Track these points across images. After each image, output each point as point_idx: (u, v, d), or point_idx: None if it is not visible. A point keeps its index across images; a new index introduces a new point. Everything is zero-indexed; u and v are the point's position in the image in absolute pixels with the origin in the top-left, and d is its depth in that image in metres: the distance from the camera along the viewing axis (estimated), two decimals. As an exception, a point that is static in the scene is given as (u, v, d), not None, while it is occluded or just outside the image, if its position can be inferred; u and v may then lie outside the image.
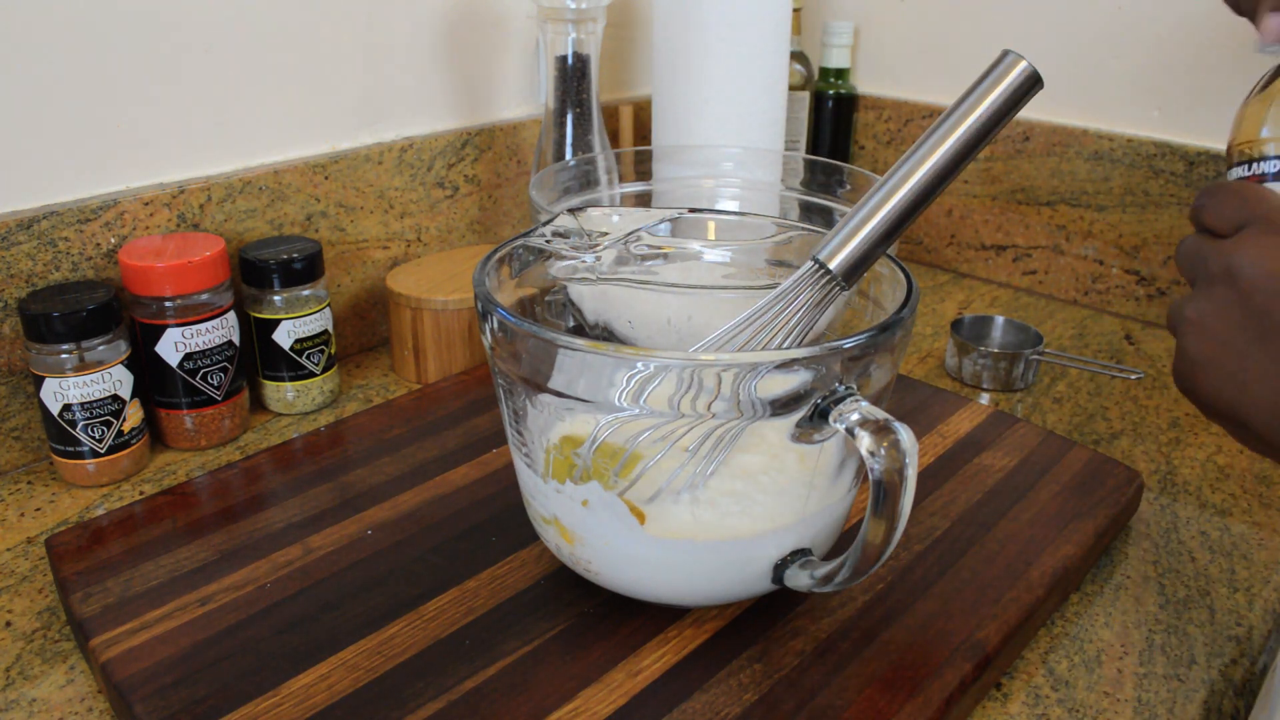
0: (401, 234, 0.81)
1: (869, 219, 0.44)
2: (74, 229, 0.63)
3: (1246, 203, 0.40)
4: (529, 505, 0.50)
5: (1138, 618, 0.53)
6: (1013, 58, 0.44)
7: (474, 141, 0.85)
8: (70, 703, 0.46)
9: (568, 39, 0.76)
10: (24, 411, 0.64)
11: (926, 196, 0.44)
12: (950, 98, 0.45)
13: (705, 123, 0.80)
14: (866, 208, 0.44)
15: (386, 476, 0.59)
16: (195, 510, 0.56)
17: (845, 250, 0.44)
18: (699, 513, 0.44)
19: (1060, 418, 0.73)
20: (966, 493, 0.58)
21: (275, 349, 0.69)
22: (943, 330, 0.87)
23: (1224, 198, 0.41)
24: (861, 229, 0.44)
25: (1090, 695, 0.47)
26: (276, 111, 0.73)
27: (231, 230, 0.71)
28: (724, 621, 0.48)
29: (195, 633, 0.46)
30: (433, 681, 0.44)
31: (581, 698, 0.43)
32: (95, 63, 0.63)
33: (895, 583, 0.51)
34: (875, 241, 0.44)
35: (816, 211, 0.75)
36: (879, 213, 0.44)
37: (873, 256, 0.45)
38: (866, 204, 0.44)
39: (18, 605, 0.53)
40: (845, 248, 0.44)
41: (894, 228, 0.44)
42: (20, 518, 0.60)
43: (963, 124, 0.43)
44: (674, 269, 0.57)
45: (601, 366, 0.40)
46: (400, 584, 0.50)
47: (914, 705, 0.43)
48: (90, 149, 0.65)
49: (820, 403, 0.40)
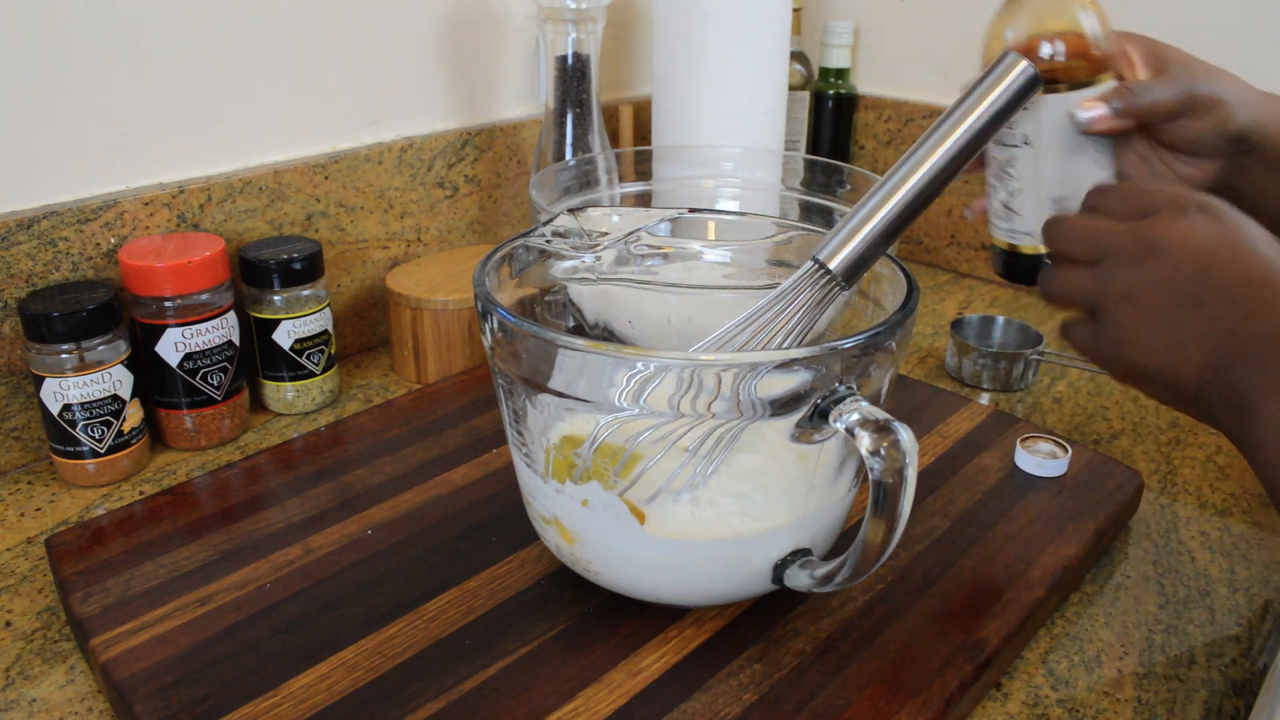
0: (401, 234, 0.82)
1: (869, 219, 0.44)
2: (74, 229, 0.63)
3: (1151, 191, 0.45)
4: (529, 505, 0.50)
5: (1138, 618, 0.53)
6: (1012, 58, 0.44)
7: (474, 141, 0.85)
8: (70, 703, 0.46)
9: (568, 39, 0.76)
10: (24, 411, 0.64)
11: (927, 196, 0.44)
12: (950, 98, 0.45)
13: (705, 123, 0.80)
14: (866, 208, 0.44)
15: (386, 476, 0.59)
16: (195, 510, 0.56)
17: (845, 250, 0.44)
18: (699, 513, 0.44)
19: (1060, 418, 0.73)
20: (966, 493, 0.58)
21: (275, 349, 0.69)
22: (943, 330, 0.87)
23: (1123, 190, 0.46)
24: (861, 229, 0.44)
25: (1090, 695, 0.47)
26: (276, 111, 0.73)
27: (231, 230, 0.71)
28: (724, 621, 0.48)
29: (195, 633, 0.46)
30: (433, 681, 0.44)
31: (581, 698, 0.43)
32: (95, 63, 0.63)
33: (895, 583, 0.51)
34: (875, 242, 0.44)
35: (816, 211, 0.75)
36: (879, 213, 0.44)
37: (873, 257, 0.45)
38: (866, 204, 0.44)
39: (18, 605, 0.53)
40: (845, 248, 0.44)
41: (894, 228, 0.44)
42: (20, 518, 0.60)
43: (963, 124, 0.44)
44: (674, 269, 0.57)
45: (601, 366, 0.40)
46: (400, 584, 0.50)
47: (914, 705, 0.43)
48: (90, 149, 0.65)
49: (820, 403, 0.40)
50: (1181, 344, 0.42)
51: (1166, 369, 0.42)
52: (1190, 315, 0.42)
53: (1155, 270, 0.42)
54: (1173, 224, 0.43)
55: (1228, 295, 0.41)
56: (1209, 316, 0.41)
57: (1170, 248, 0.42)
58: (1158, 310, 0.42)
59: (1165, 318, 0.42)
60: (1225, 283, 0.41)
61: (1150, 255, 0.43)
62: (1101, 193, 0.47)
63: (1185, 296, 0.42)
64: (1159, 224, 0.43)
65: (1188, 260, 0.42)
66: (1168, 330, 0.42)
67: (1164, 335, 0.42)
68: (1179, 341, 0.42)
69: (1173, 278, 0.42)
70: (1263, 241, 0.42)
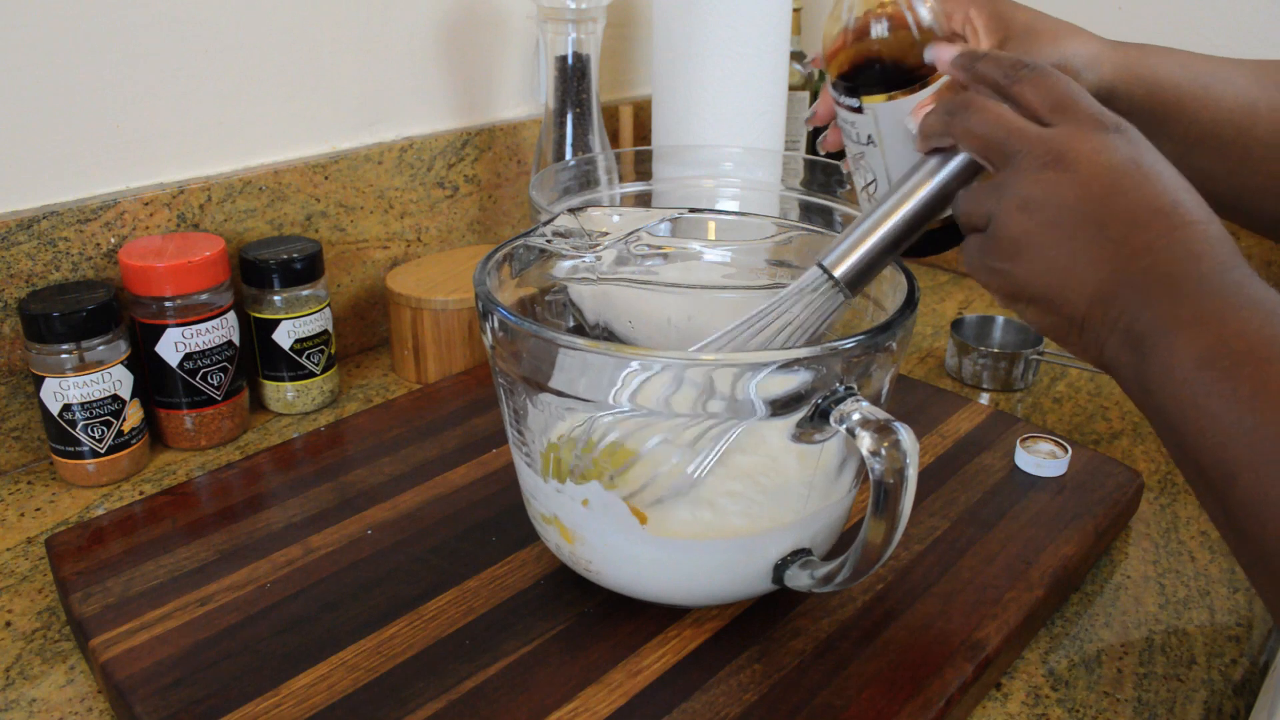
0: (401, 234, 0.81)
1: (878, 226, 0.43)
2: (74, 229, 0.63)
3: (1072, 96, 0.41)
4: (529, 505, 0.50)
5: (1138, 618, 0.53)
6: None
7: (474, 141, 0.85)
8: (70, 703, 0.46)
9: (568, 39, 0.76)
10: (24, 411, 0.64)
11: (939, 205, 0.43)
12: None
13: (705, 123, 0.80)
14: (876, 214, 0.43)
15: (386, 476, 0.59)
16: (195, 510, 0.56)
17: (852, 259, 0.44)
18: (699, 513, 0.44)
19: (1060, 418, 0.73)
20: (966, 493, 0.58)
21: (275, 349, 0.69)
22: (943, 330, 0.87)
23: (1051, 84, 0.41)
24: (870, 237, 0.43)
25: (1090, 695, 0.47)
26: (276, 111, 0.73)
27: (231, 230, 0.70)
28: (724, 621, 0.48)
29: (195, 633, 0.46)
30: (433, 681, 0.44)
31: (581, 698, 0.43)
32: (95, 63, 0.63)
33: (895, 583, 0.51)
34: (884, 250, 0.43)
35: (816, 211, 0.75)
36: (889, 220, 0.43)
37: (880, 265, 0.44)
38: (876, 210, 0.43)
39: (18, 605, 0.53)
40: (851, 256, 0.44)
41: (904, 236, 0.43)
42: (20, 518, 0.60)
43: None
44: (674, 269, 0.57)
45: (601, 366, 0.40)
46: (400, 584, 0.50)
47: (914, 705, 0.43)
48: (90, 149, 0.65)
49: (821, 403, 0.40)
50: (1075, 266, 0.39)
51: (1055, 290, 0.40)
52: (1089, 235, 0.39)
53: (1060, 182, 0.39)
54: (1087, 137, 0.40)
55: (1131, 220, 0.38)
56: (1109, 240, 0.38)
57: (1079, 162, 0.39)
58: (1055, 225, 0.39)
59: (1062, 234, 0.39)
60: (1130, 208, 0.38)
61: (1057, 165, 0.39)
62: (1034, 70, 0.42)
63: (1087, 216, 0.39)
64: (1073, 135, 0.40)
65: (1095, 178, 0.39)
66: (1063, 248, 0.39)
67: (1058, 253, 0.39)
68: (1073, 263, 0.39)
69: (1077, 195, 0.39)
70: (1170, 174, 0.40)
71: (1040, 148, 0.40)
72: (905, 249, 0.46)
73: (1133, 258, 0.38)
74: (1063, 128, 0.40)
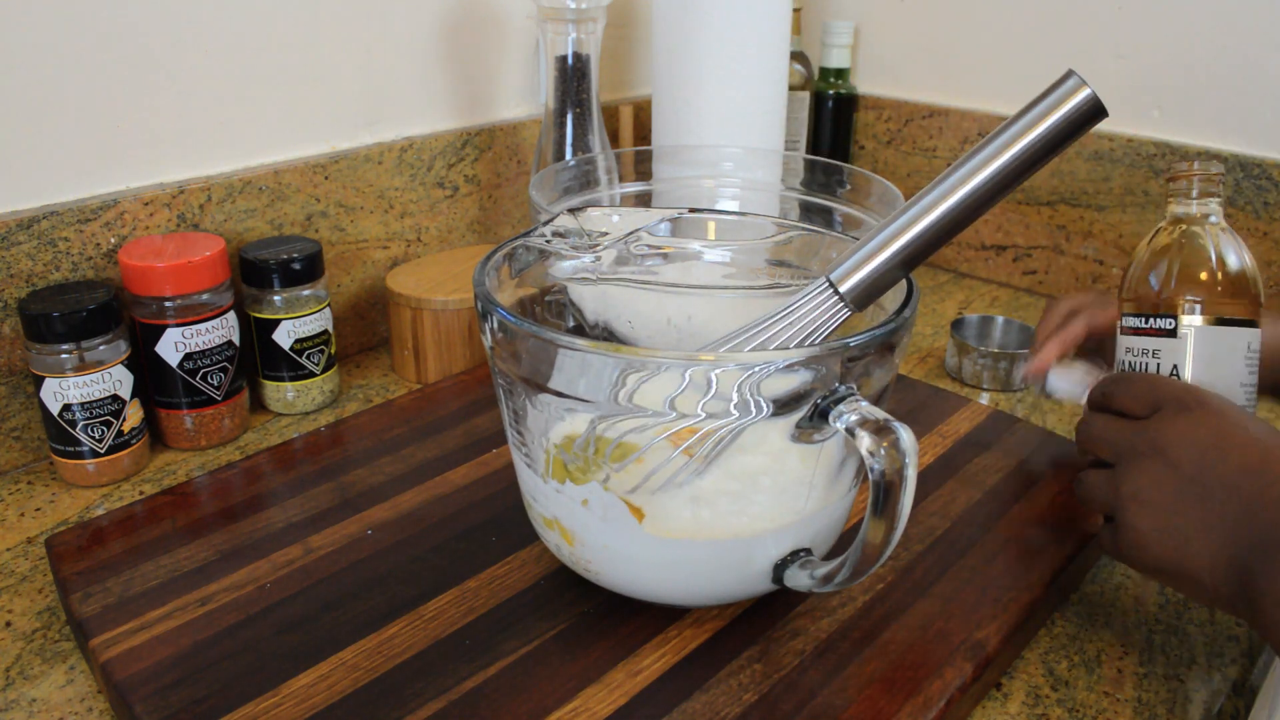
0: (401, 234, 0.82)
1: (891, 242, 0.43)
2: (74, 229, 0.63)
3: (1156, 387, 0.47)
4: (529, 505, 0.50)
5: (1138, 618, 0.53)
6: (1075, 82, 0.39)
7: (474, 141, 0.85)
8: (70, 703, 0.46)
9: (568, 39, 0.76)
10: (24, 411, 0.64)
11: (960, 222, 0.42)
12: (950, 98, 0.45)
13: (705, 123, 0.80)
14: (891, 229, 0.43)
15: (386, 476, 0.59)
16: (195, 510, 0.56)
17: (859, 274, 0.43)
18: (699, 512, 0.44)
19: (1060, 417, 0.73)
20: (966, 493, 0.58)
21: (275, 349, 0.69)
22: (943, 330, 0.87)
23: (1136, 383, 0.48)
24: (881, 252, 0.43)
25: (1090, 695, 0.47)
26: (276, 111, 0.73)
27: (231, 230, 0.71)
28: (724, 621, 0.48)
29: (195, 633, 0.46)
30: (433, 681, 0.44)
31: (581, 698, 0.43)
32: (95, 63, 0.63)
33: (895, 583, 0.51)
34: (895, 268, 0.43)
35: (816, 211, 0.75)
36: (902, 237, 0.42)
37: (891, 283, 0.44)
38: (892, 224, 0.43)
39: (18, 605, 0.53)
40: (860, 271, 0.43)
41: (919, 255, 0.43)
42: (20, 518, 0.60)
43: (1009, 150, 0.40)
44: (674, 269, 0.57)
45: (602, 366, 0.40)
46: (400, 584, 0.50)
47: (914, 705, 0.43)
48: (90, 149, 0.65)
49: (820, 403, 0.40)
50: (1189, 540, 0.43)
51: (1179, 564, 0.43)
52: (1194, 510, 0.43)
53: (1158, 469, 0.44)
54: (1174, 422, 0.45)
55: (1228, 487, 0.42)
56: (1212, 510, 0.42)
57: (1170, 446, 0.44)
58: (1162, 508, 0.44)
59: (1170, 515, 0.44)
60: (1225, 475, 0.43)
61: (1153, 454, 0.45)
62: (1116, 382, 0.49)
63: (1188, 493, 0.43)
64: (1162, 421, 0.45)
65: (1187, 457, 0.44)
66: (1174, 527, 0.44)
67: (1171, 532, 0.44)
68: (1186, 537, 0.43)
69: (1174, 475, 0.44)
70: (1256, 428, 0.44)
71: (1140, 438, 0.46)
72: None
73: (1237, 520, 0.42)
74: (1154, 419, 0.46)
